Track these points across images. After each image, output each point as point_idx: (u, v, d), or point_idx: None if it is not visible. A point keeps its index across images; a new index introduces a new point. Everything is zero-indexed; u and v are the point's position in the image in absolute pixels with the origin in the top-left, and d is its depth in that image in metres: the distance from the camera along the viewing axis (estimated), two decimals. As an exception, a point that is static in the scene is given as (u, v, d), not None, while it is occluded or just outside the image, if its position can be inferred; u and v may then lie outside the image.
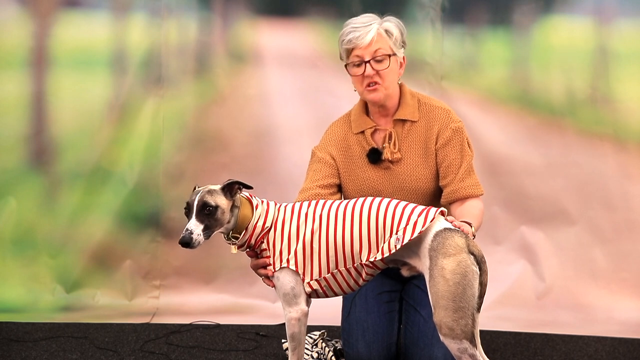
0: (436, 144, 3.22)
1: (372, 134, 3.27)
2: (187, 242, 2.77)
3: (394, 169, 3.24)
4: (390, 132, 3.24)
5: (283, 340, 3.71)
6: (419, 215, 2.76)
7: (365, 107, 3.30)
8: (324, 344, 3.57)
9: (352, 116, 3.32)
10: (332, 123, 3.38)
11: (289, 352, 2.97)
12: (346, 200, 2.91)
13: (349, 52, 3.18)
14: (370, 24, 3.15)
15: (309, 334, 3.59)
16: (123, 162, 4.45)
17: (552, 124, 4.45)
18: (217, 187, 2.85)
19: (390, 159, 3.23)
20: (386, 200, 2.86)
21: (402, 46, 3.22)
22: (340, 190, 3.32)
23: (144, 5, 4.41)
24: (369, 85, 3.18)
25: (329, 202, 2.92)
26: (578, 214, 4.43)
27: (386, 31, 3.16)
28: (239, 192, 2.87)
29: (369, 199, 2.88)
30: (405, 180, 3.23)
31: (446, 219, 2.81)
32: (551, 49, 4.43)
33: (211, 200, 2.80)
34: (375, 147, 3.24)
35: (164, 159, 4.46)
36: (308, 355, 3.51)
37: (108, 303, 4.41)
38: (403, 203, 2.83)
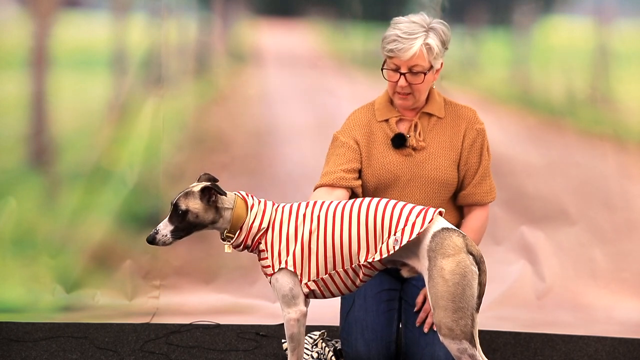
0: (463, 142, 3.29)
1: (397, 122, 3.31)
2: (149, 241, 2.86)
3: (416, 156, 3.28)
4: (416, 122, 3.29)
5: (283, 340, 3.71)
6: (417, 216, 2.76)
7: (391, 97, 3.34)
8: (324, 344, 3.57)
9: (376, 105, 3.36)
10: (354, 110, 3.42)
11: (288, 353, 2.98)
12: (344, 201, 2.91)
13: (388, 57, 3.21)
14: (416, 37, 3.15)
15: (308, 334, 3.59)
16: (123, 162, 4.44)
17: (552, 124, 4.45)
18: (198, 188, 2.86)
19: (414, 146, 3.27)
20: (384, 200, 2.86)
21: (444, 53, 3.25)
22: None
23: (144, 5, 4.41)
24: (400, 93, 3.23)
25: (327, 202, 2.92)
26: (578, 214, 4.43)
27: (429, 48, 3.17)
28: (214, 197, 2.86)
29: (367, 199, 2.88)
30: (424, 168, 3.27)
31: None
32: (551, 49, 4.43)
33: (182, 204, 2.84)
34: (401, 133, 3.28)
35: (164, 159, 4.46)
36: (308, 355, 3.51)
37: (108, 303, 4.41)
38: (401, 203, 2.84)
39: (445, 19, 4.35)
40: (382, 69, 3.26)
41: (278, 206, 2.94)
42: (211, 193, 2.85)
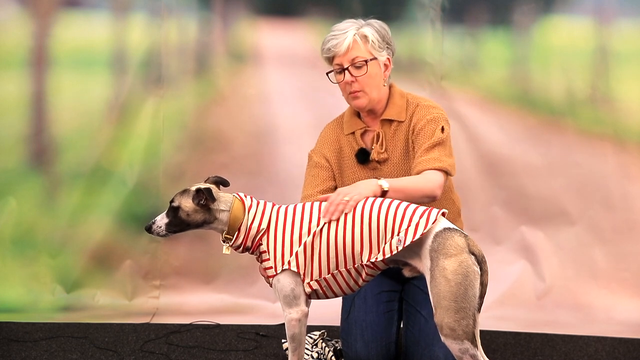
0: (412, 134, 3.21)
1: (362, 135, 3.29)
2: (146, 228, 2.94)
3: (382, 169, 3.25)
4: (379, 132, 3.25)
5: (283, 340, 3.71)
6: (420, 217, 2.76)
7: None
8: (324, 344, 3.57)
9: (344, 118, 3.35)
10: (326, 125, 3.41)
11: (289, 353, 2.98)
12: (347, 201, 2.91)
13: (330, 60, 3.23)
14: (347, 31, 3.17)
15: (308, 334, 3.59)
16: (123, 162, 4.44)
17: (552, 124, 4.45)
18: (194, 187, 2.90)
19: (377, 159, 3.24)
20: (387, 200, 2.86)
21: (387, 47, 3.22)
22: None
23: (144, 5, 4.41)
24: (351, 93, 3.21)
25: (330, 203, 2.92)
26: (578, 214, 4.43)
27: (363, 36, 3.17)
28: (203, 200, 2.87)
29: (371, 199, 2.88)
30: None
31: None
32: (551, 49, 4.43)
33: (176, 201, 2.92)
34: (364, 147, 3.25)
35: (164, 159, 4.46)
36: (308, 355, 3.52)
37: (108, 303, 4.41)
38: (405, 203, 2.83)
39: (445, 19, 4.38)
40: (327, 74, 3.25)
41: (279, 207, 2.94)
42: (200, 196, 2.86)
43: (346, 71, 3.18)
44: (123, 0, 4.43)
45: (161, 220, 2.91)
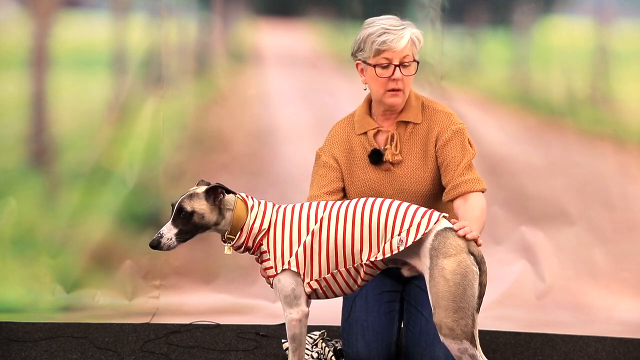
0: (436, 146, 3.20)
1: (375, 135, 3.26)
2: (153, 245, 2.83)
3: (395, 171, 3.23)
4: (393, 133, 3.23)
5: (283, 340, 3.71)
6: (422, 217, 2.77)
7: (369, 108, 3.30)
8: (324, 344, 3.57)
9: (355, 117, 3.31)
10: (336, 123, 3.37)
11: (289, 353, 2.98)
12: (347, 201, 2.91)
13: (379, 52, 3.15)
14: (404, 28, 3.14)
15: (308, 334, 3.59)
16: (123, 162, 4.44)
17: (552, 124, 4.45)
18: (202, 189, 2.86)
19: (391, 160, 3.22)
20: (388, 200, 2.86)
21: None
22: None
23: (144, 5, 4.41)
24: (391, 90, 3.17)
25: (330, 202, 2.92)
26: (578, 214, 4.43)
27: (416, 38, 3.16)
28: (222, 196, 2.86)
29: (370, 199, 2.88)
30: (405, 183, 3.22)
31: (451, 222, 2.80)
32: (551, 49, 4.43)
33: (187, 206, 2.83)
34: (377, 148, 3.24)
35: (164, 159, 4.46)
36: (308, 355, 3.52)
37: (108, 303, 4.41)
38: (405, 204, 2.84)
39: (445, 19, 4.38)
40: (358, 64, 3.21)
41: (279, 207, 2.94)
42: (218, 192, 2.85)
43: (397, 68, 3.14)
44: (123, 0, 4.43)
45: (169, 231, 2.82)
